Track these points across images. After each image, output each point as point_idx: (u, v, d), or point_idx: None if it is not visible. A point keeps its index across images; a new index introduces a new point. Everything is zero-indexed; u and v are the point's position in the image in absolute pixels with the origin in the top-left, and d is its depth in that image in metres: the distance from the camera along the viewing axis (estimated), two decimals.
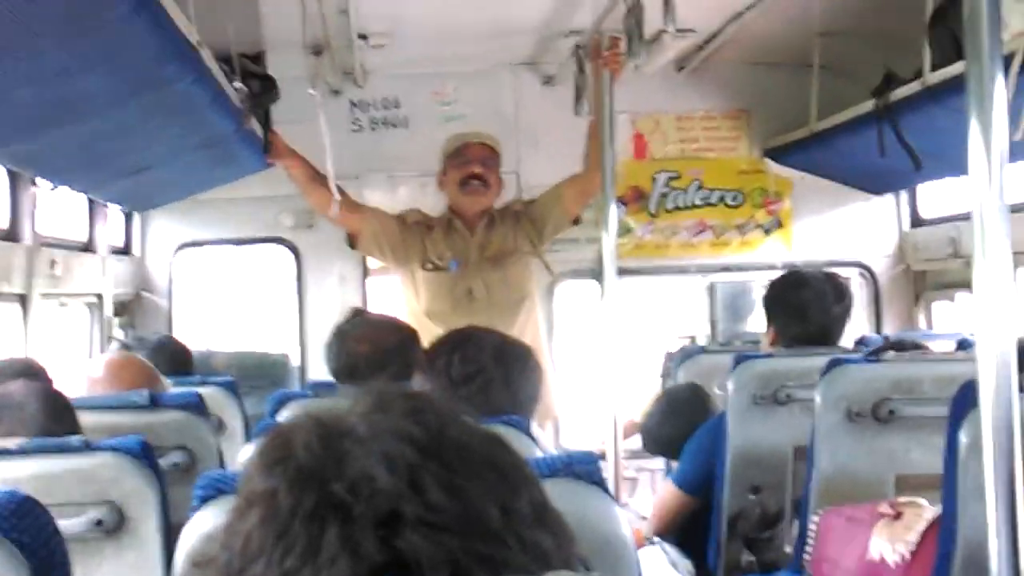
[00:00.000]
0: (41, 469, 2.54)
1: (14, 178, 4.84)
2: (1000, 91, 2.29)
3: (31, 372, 3.18)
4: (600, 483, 1.90)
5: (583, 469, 1.89)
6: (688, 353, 5.42)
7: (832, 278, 4.65)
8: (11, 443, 2.62)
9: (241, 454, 3.18)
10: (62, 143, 4.12)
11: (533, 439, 2.67)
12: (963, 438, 2.51)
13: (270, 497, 1.09)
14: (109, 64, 3.31)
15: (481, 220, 6.07)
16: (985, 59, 2.28)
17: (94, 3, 2.74)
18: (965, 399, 2.51)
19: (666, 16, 4.49)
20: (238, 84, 4.89)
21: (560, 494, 1.19)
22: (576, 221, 6.22)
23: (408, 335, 4.19)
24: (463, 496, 1.07)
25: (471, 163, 5.99)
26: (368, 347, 4.04)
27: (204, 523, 1.80)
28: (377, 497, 1.05)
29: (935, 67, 4.68)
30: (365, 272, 7.14)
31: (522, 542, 1.08)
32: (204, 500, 1.83)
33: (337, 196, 5.77)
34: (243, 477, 1.16)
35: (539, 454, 2.41)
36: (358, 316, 4.36)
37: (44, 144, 4.03)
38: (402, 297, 6.20)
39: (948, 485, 2.58)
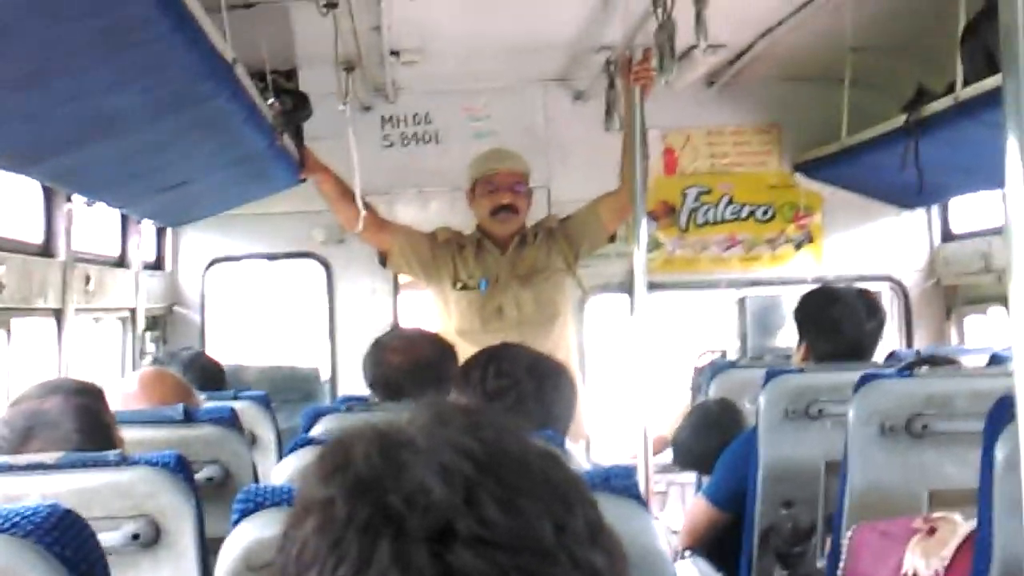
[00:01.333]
0: (78, 483, 2.55)
1: (49, 194, 4.87)
2: None
3: (83, 391, 3.18)
4: (637, 497, 1.90)
5: (620, 483, 1.90)
6: (719, 368, 5.41)
7: (865, 294, 4.65)
8: (49, 457, 2.64)
9: (275, 471, 3.20)
10: (98, 159, 4.16)
11: (568, 454, 2.67)
12: (999, 453, 2.50)
13: (327, 506, 1.10)
14: (145, 81, 3.34)
15: (513, 240, 6.06)
16: (1022, 72, 2.28)
17: (130, 22, 2.77)
18: (1001, 414, 2.49)
19: (697, 31, 4.50)
20: (271, 100, 4.91)
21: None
22: (612, 238, 6.21)
23: (445, 348, 4.20)
24: (518, 513, 1.07)
25: (499, 191, 5.93)
26: (405, 359, 4.06)
27: (244, 536, 1.81)
28: (431, 510, 1.05)
29: (967, 81, 4.68)
30: (396, 287, 7.16)
31: (575, 560, 1.08)
32: (244, 514, 1.84)
33: (364, 212, 5.78)
34: (302, 484, 1.17)
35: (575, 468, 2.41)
36: (396, 329, 4.38)
37: (80, 160, 4.06)
38: (434, 314, 6.19)
39: (983, 500, 2.57)
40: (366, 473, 1.10)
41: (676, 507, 6.65)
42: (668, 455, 5.26)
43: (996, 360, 4.51)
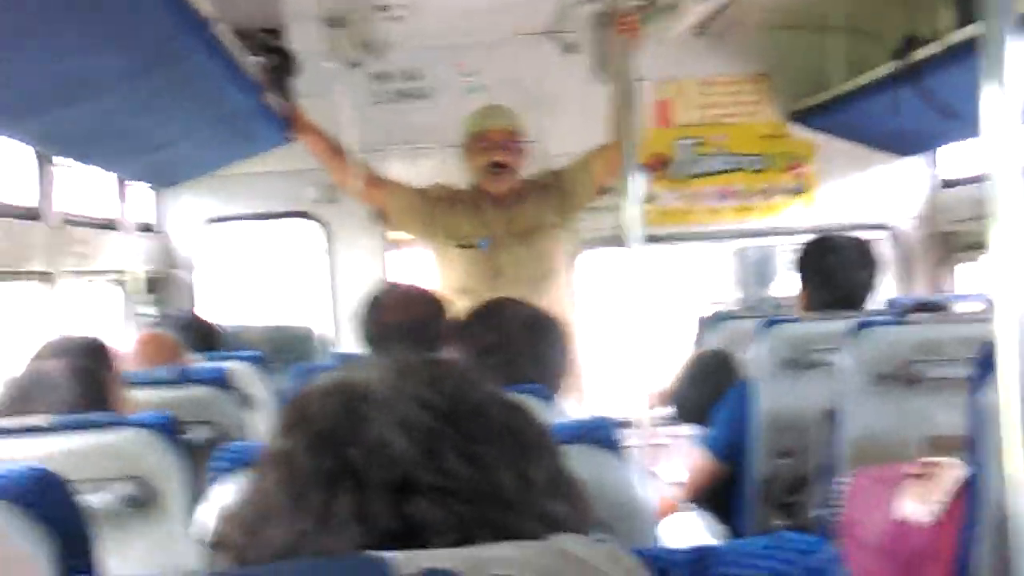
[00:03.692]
0: (69, 445, 2.56)
1: (37, 157, 4.85)
2: (1014, 51, 2.27)
3: (85, 352, 3.18)
4: (615, 448, 1.90)
5: (599, 434, 1.89)
6: (716, 319, 5.41)
7: (860, 242, 4.64)
8: (40, 420, 2.64)
9: (268, 428, 3.20)
10: (78, 120, 4.14)
11: (553, 407, 2.67)
12: (985, 399, 2.50)
13: (288, 459, 1.10)
14: (122, 40, 3.32)
15: (508, 196, 6.04)
16: (999, 19, 2.27)
17: None
18: (986, 360, 2.49)
19: None
20: (256, 58, 4.88)
21: (577, 460, 1.19)
22: (604, 191, 6.18)
23: (437, 305, 4.20)
24: (478, 464, 1.07)
25: (493, 149, 5.94)
26: (398, 316, 4.05)
27: (223, 494, 1.80)
28: (392, 463, 1.05)
29: (956, 27, 4.65)
30: (391, 244, 7.14)
31: (535, 511, 1.08)
32: (223, 471, 1.83)
33: (359, 170, 5.77)
34: (265, 439, 1.17)
35: (557, 421, 2.41)
36: (389, 287, 4.38)
37: (60, 121, 4.05)
38: (434, 272, 6.18)
39: (972, 446, 2.58)
40: (327, 426, 1.10)
41: (677, 460, 6.65)
42: (668, 408, 5.25)
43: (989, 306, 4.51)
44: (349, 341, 4.95)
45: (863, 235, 4.94)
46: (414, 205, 6.08)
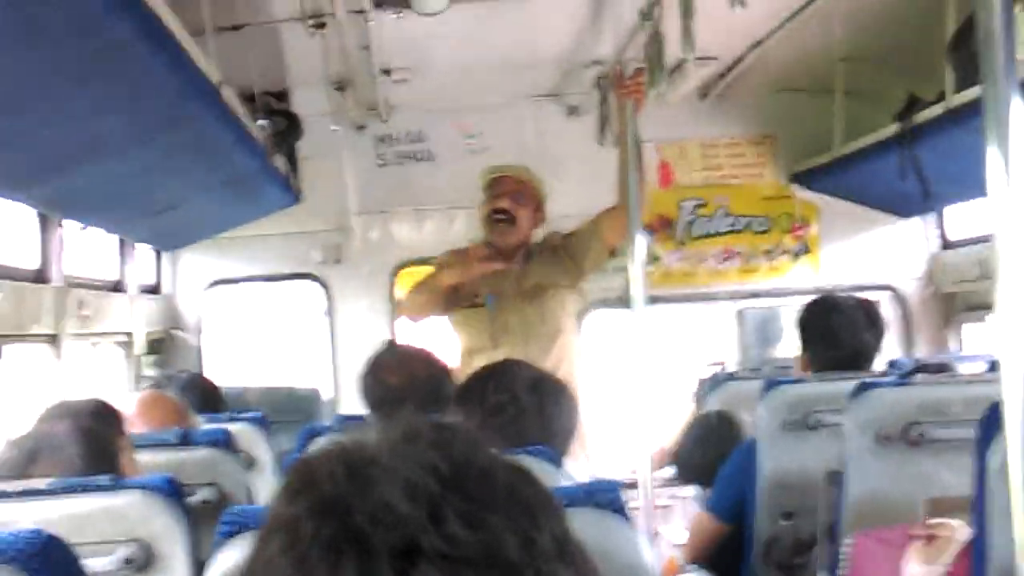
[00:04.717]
0: (71, 508, 2.55)
1: (43, 220, 4.87)
2: (1017, 113, 2.28)
3: (93, 415, 3.18)
4: (621, 511, 1.89)
5: (604, 498, 1.89)
6: (718, 380, 5.40)
7: (864, 303, 4.63)
8: (42, 483, 2.63)
9: (270, 493, 3.19)
10: (87, 184, 4.15)
11: (560, 469, 2.66)
12: (991, 460, 2.49)
13: (292, 525, 1.09)
14: (130, 105, 3.34)
15: (518, 254, 6.02)
16: (1001, 81, 2.27)
17: (111, 46, 2.77)
18: (992, 421, 2.49)
19: (685, 45, 4.49)
20: (262, 122, 4.91)
21: (581, 524, 1.18)
22: (613, 253, 6.18)
23: (440, 368, 4.18)
24: (483, 528, 1.05)
25: (498, 198, 5.92)
26: (400, 378, 4.03)
27: (228, 558, 1.80)
28: (396, 528, 1.04)
29: (957, 89, 4.68)
30: (393, 306, 7.14)
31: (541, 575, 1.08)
32: (228, 535, 1.83)
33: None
34: (269, 505, 1.17)
35: (564, 483, 2.40)
36: (392, 348, 4.37)
37: (69, 185, 4.06)
38: (451, 335, 6.14)
39: (977, 507, 2.57)
40: (331, 491, 1.09)
41: (679, 521, 6.63)
42: (671, 468, 5.24)
43: (994, 367, 4.50)
44: (353, 402, 4.94)
45: (866, 296, 4.95)
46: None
